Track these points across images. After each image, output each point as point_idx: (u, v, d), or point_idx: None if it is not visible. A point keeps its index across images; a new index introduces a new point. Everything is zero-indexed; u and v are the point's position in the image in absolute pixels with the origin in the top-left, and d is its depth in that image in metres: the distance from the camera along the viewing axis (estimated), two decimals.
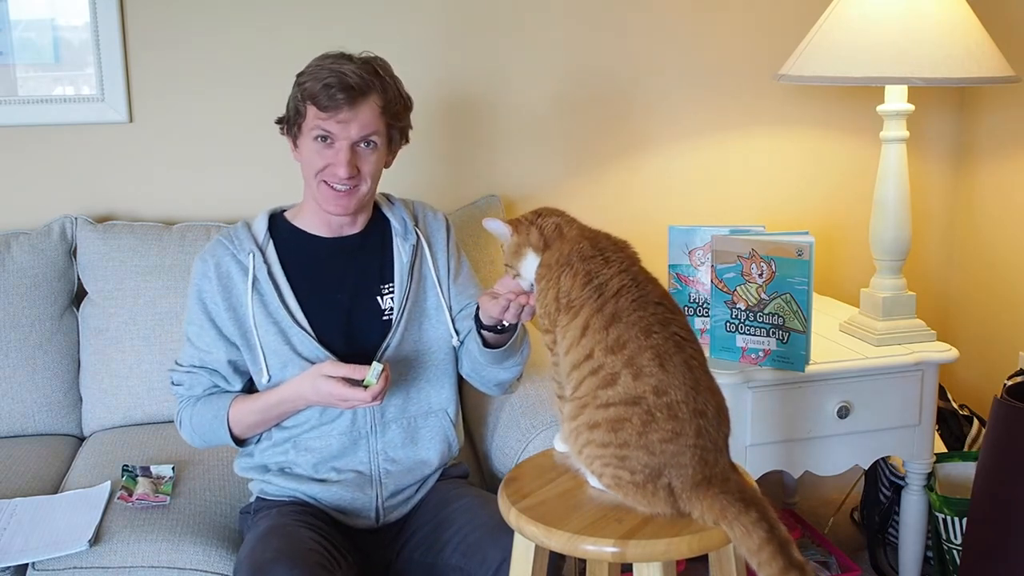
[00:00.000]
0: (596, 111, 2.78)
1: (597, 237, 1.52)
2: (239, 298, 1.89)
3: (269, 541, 1.71)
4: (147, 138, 2.56)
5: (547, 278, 1.50)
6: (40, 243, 2.39)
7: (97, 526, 1.89)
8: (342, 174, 1.83)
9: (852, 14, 2.23)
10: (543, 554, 1.47)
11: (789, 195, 2.92)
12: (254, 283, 1.89)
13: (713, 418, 1.38)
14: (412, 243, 1.98)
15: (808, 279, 2.06)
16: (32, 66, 2.49)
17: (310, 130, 1.85)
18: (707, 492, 1.35)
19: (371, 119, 1.85)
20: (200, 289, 1.91)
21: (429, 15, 2.64)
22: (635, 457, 1.37)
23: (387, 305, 1.95)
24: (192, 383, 1.93)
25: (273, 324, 1.88)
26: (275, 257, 1.93)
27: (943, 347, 2.30)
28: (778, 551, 1.29)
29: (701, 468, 1.36)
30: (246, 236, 1.93)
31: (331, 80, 1.80)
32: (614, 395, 1.38)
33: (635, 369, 1.37)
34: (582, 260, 1.47)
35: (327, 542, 1.76)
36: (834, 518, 2.82)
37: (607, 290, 1.42)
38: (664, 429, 1.35)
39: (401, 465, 1.92)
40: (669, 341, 1.38)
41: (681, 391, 1.36)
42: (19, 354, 2.33)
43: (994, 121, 2.84)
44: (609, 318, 1.40)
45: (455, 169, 2.73)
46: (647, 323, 1.39)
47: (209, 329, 1.90)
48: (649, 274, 1.48)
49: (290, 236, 1.96)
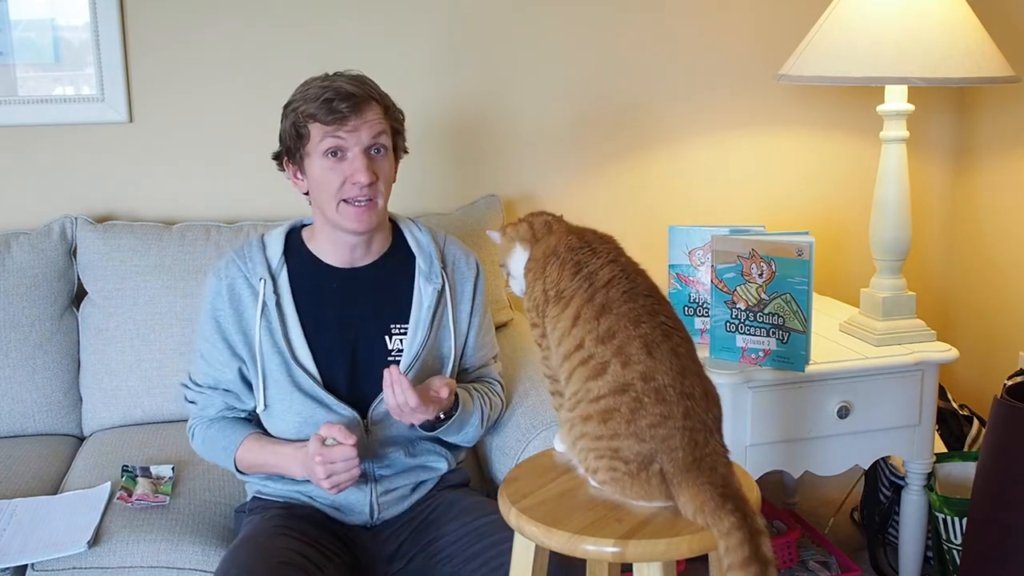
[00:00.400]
0: (596, 111, 2.77)
1: (584, 232, 1.55)
2: (249, 321, 1.89)
3: (238, 555, 1.70)
4: (147, 138, 2.56)
5: (534, 271, 1.53)
6: (40, 243, 2.39)
7: (96, 527, 1.89)
8: (363, 180, 1.81)
9: (852, 14, 2.23)
10: (543, 554, 1.47)
11: (789, 195, 2.92)
12: (263, 309, 1.88)
13: (701, 399, 1.40)
14: (437, 288, 1.94)
15: (808, 279, 2.06)
16: (32, 66, 2.49)
17: (319, 147, 1.82)
18: (695, 479, 1.36)
19: (378, 121, 1.84)
20: (214, 307, 1.91)
21: (433, 17, 2.63)
22: (626, 446, 1.38)
23: (395, 345, 1.91)
24: (205, 404, 1.93)
25: (277, 354, 1.88)
26: (287, 287, 1.90)
27: (943, 347, 2.30)
28: (747, 540, 1.30)
29: (691, 449, 1.37)
30: (260, 259, 1.91)
31: (329, 95, 1.80)
32: (603, 385, 1.39)
33: (624, 358, 1.39)
34: (570, 251, 1.49)
35: (311, 548, 1.74)
36: (834, 518, 2.82)
37: (597, 280, 1.45)
38: (653, 414, 1.37)
39: (397, 469, 1.92)
40: (657, 330, 1.40)
41: (668, 376, 1.38)
42: (19, 354, 2.33)
43: (994, 121, 2.84)
44: (599, 308, 1.42)
45: (455, 169, 2.73)
46: (636, 314, 1.41)
47: (222, 348, 1.90)
48: (636, 265, 1.51)
49: (305, 263, 1.93)
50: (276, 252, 1.92)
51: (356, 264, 1.93)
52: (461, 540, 1.80)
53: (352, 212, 1.84)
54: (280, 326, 1.87)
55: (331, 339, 1.90)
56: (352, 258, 1.93)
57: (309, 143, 1.83)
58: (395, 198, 2.10)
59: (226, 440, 1.90)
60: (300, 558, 1.70)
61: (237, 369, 1.90)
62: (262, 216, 2.55)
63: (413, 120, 2.69)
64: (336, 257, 1.93)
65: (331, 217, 1.86)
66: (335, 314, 1.91)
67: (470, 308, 2.00)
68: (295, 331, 1.88)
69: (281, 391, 1.88)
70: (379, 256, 1.96)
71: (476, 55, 2.68)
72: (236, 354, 1.89)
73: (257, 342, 1.87)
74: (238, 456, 1.89)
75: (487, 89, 2.70)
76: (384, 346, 1.91)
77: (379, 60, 2.51)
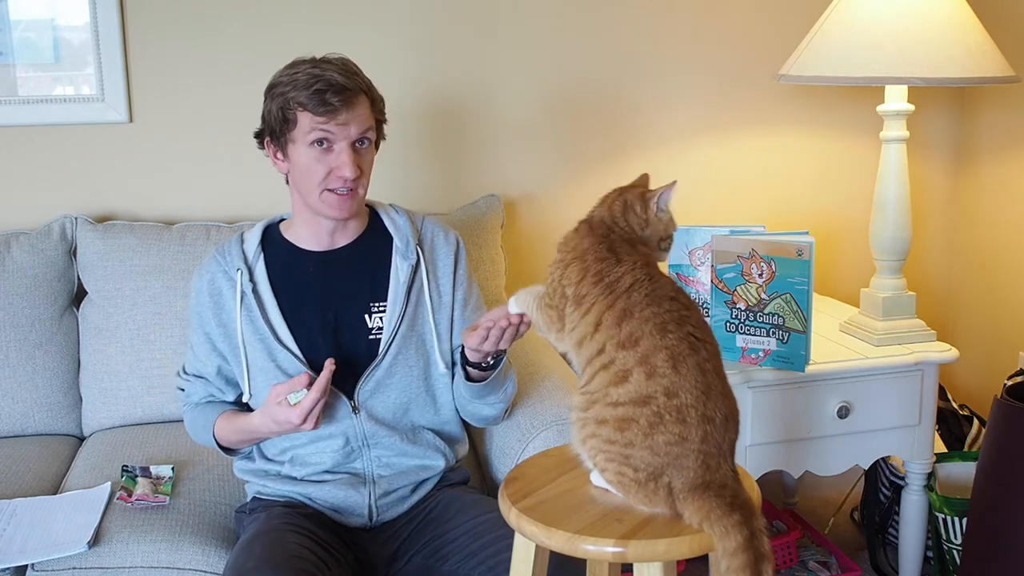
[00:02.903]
0: (597, 111, 2.77)
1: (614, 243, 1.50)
2: (229, 314, 1.92)
3: (252, 549, 1.71)
4: (147, 138, 2.56)
5: (561, 259, 1.51)
6: (40, 243, 2.39)
7: (96, 527, 1.89)
8: (349, 175, 1.83)
9: (852, 14, 2.23)
10: (543, 554, 1.47)
11: (789, 195, 2.92)
12: (242, 299, 1.90)
13: (720, 424, 1.38)
14: (412, 263, 1.96)
15: (808, 279, 2.06)
16: (32, 66, 2.49)
17: (306, 136, 1.83)
18: (702, 495, 1.35)
19: (366, 116, 1.86)
20: (197, 303, 1.95)
21: (430, 13, 2.63)
22: (639, 456, 1.37)
23: (375, 324, 1.93)
24: (191, 391, 2.00)
25: (260, 341, 1.90)
26: (263, 274, 1.93)
27: (943, 347, 2.30)
28: (751, 563, 1.29)
29: (703, 473, 1.36)
30: (237, 252, 1.94)
31: (320, 86, 1.80)
32: (624, 394, 1.38)
33: (648, 368, 1.37)
34: (596, 261, 1.47)
35: (317, 546, 1.75)
36: (834, 518, 2.82)
37: (619, 287, 1.43)
38: (671, 432, 1.35)
39: (395, 469, 1.92)
40: (684, 342, 1.38)
41: (692, 395, 1.36)
42: (19, 354, 2.33)
43: (994, 121, 2.84)
44: (621, 313, 1.40)
45: (455, 169, 2.73)
46: (662, 320, 1.39)
47: (204, 342, 1.94)
48: (661, 272, 1.49)
49: (280, 250, 1.96)
50: (253, 244, 1.96)
51: (333, 246, 1.96)
52: (460, 538, 1.80)
53: (335, 200, 1.86)
54: (260, 311, 1.90)
55: (311, 320, 1.91)
56: (330, 240, 1.96)
57: (296, 130, 1.85)
58: (395, 198, 2.10)
59: (205, 420, 1.96)
60: (309, 554, 1.71)
61: (216, 366, 1.94)
62: (262, 216, 2.51)
63: (414, 120, 2.69)
64: (314, 241, 1.95)
65: (312, 203, 1.89)
66: (314, 296, 1.93)
67: (451, 282, 1.99)
68: (274, 313, 1.91)
69: (267, 376, 1.89)
70: (355, 238, 1.97)
71: (479, 55, 2.68)
72: (216, 349, 1.93)
73: (239, 332, 1.90)
74: (216, 432, 1.93)
75: (489, 89, 2.70)
76: (364, 325, 1.93)
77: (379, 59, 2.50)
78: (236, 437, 1.92)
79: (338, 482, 1.89)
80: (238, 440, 1.93)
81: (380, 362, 1.90)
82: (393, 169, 2.57)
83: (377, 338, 1.92)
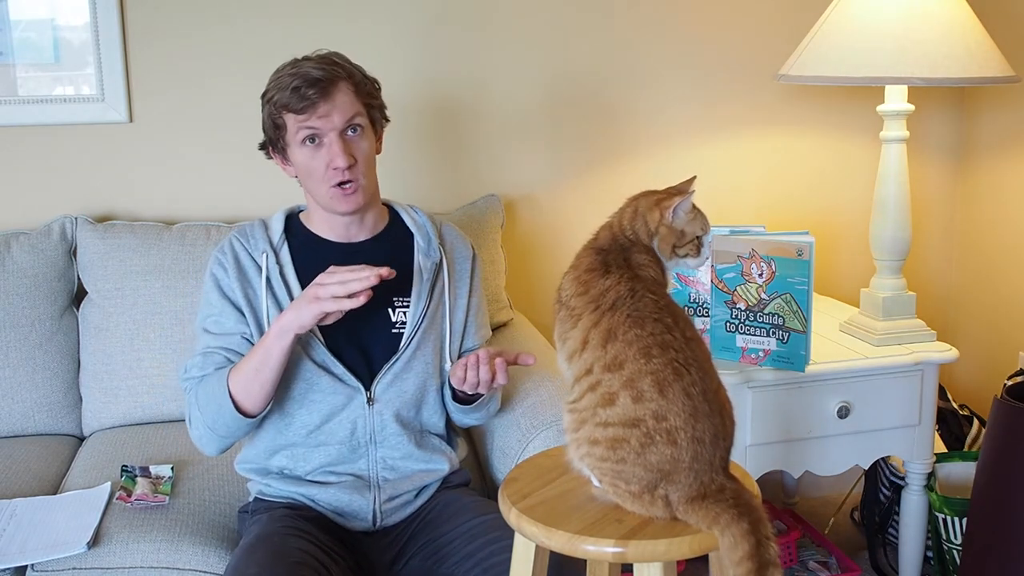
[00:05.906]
0: (597, 110, 2.78)
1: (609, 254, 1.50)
2: (256, 291, 1.90)
3: (254, 554, 1.70)
4: (147, 138, 2.56)
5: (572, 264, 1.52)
6: (40, 243, 2.39)
7: (96, 527, 1.89)
8: (341, 163, 1.83)
9: (852, 14, 2.23)
10: (543, 554, 1.47)
11: (789, 195, 2.92)
12: (268, 284, 1.89)
13: (710, 444, 1.38)
14: (435, 261, 1.98)
15: (808, 279, 2.06)
16: (32, 66, 2.49)
17: (296, 135, 1.84)
18: (702, 504, 1.36)
19: (349, 103, 1.85)
20: (216, 277, 1.90)
21: (429, 13, 2.63)
22: (632, 472, 1.38)
23: (398, 318, 1.93)
24: (205, 363, 1.87)
25: None
26: (288, 259, 1.92)
27: (943, 347, 2.30)
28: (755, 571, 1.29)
29: (697, 487, 1.37)
30: (262, 235, 1.94)
31: (296, 83, 1.80)
32: (613, 415, 1.38)
33: (635, 392, 1.37)
34: (586, 271, 1.48)
35: (318, 550, 1.74)
36: (834, 518, 2.82)
37: (603, 302, 1.43)
38: (662, 452, 1.36)
39: (399, 473, 1.92)
40: (668, 368, 1.37)
41: (680, 418, 1.36)
42: (19, 354, 2.33)
43: (994, 121, 2.84)
44: (606, 334, 1.40)
45: (455, 168, 2.73)
46: (645, 344, 1.38)
47: (229, 312, 1.88)
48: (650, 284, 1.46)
49: (304, 239, 1.96)
50: (277, 230, 1.95)
51: (354, 239, 1.96)
52: (456, 540, 1.80)
53: (340, 195, 1.87)
54: (287, 295, 1.89)
55: None
56: (349, 234, 1.96)
57: (287, 133, 1.85)
58: (395, 198, 2.10)
59: (217, 379, 1.82)
60: (312, 559, 1.71)
61: (242, 332, 1.87)
62: (262, 216, 2.54)
63: (414, 119, 2.69)
64: (334, 234, 1.96)
65: (323, 202, 1.90)
66: None
67: (468, 289, 2.03)
68: None
69: (291, 359, 1.84)
70: (377, 232, 1.98)
71: (480, 54, 2.68)
72: (244, 318, 1.88)
73: (265, 312, 1.88)
74: (231, 380, 1.80)
75: (489, 89, 2.70)
76: (388, 319, 1.93)
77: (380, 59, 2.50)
78: (251, 369, 1.78)
79: (342, 485, 1.88)
80: (255, 376, 1.79)
81: (401, 355, 1.91)
82: (393, 169, 2.57)
83: (399, 332, 1.93)
